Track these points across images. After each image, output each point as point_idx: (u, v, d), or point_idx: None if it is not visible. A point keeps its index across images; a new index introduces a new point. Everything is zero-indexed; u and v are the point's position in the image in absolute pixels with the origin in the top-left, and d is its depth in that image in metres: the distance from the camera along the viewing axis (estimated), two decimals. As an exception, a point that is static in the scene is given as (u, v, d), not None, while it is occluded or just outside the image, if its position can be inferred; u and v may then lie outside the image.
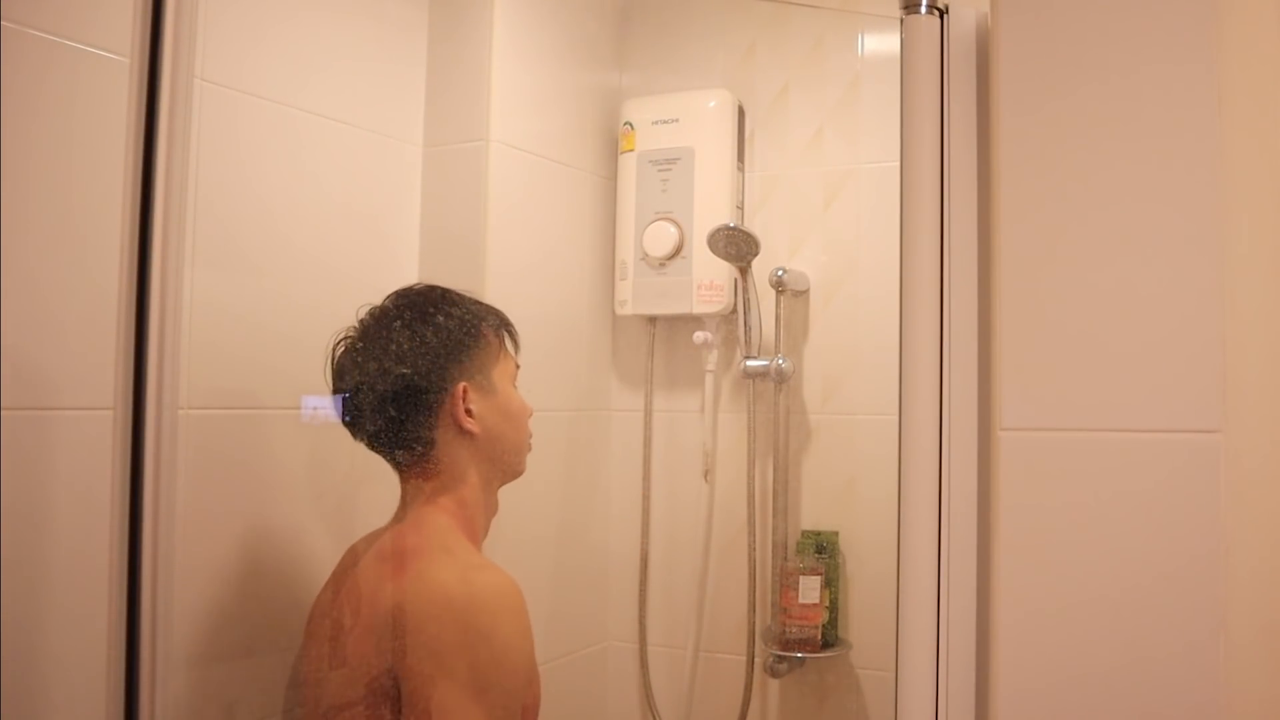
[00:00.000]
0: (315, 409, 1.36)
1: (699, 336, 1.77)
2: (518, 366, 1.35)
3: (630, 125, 1.82)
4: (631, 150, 1.81)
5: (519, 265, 1.65)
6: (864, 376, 1.73)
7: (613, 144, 1.87)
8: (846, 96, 1.77)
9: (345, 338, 1.27)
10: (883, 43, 1.73)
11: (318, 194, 1.45)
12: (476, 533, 1.28)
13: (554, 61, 1.76)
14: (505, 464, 1.31)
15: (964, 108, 1.02)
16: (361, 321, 1.27)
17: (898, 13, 1.04)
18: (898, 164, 1.04)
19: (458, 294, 1.33)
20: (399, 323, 1.25)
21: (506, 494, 1.34)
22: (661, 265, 1.77)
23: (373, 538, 1.29)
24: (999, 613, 0.93)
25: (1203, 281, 0.89)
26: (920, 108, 1.03)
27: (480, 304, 1.34)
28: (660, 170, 1.79)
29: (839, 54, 1.78)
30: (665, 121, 1.79)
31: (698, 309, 1.76)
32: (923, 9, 1.03)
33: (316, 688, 1.25)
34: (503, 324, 1.34)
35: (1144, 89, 0.91)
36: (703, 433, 1.80)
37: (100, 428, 1.00)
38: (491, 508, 1.32)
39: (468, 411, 1.26)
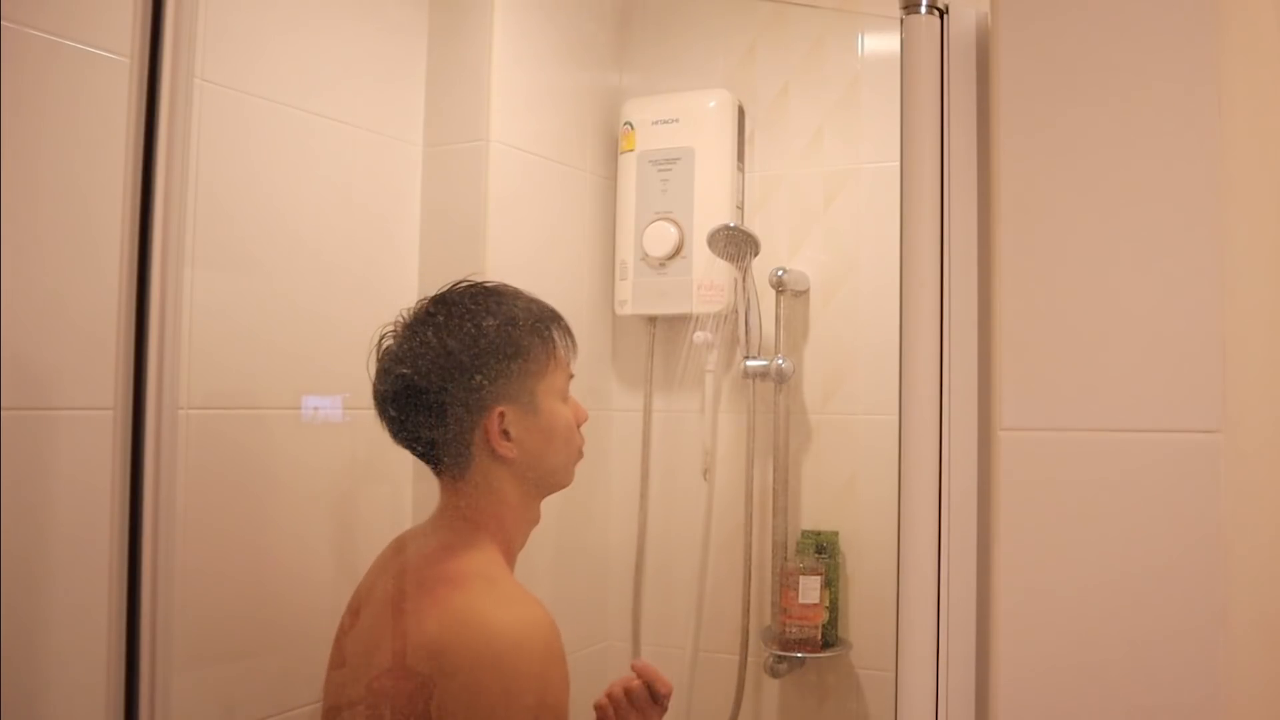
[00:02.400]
0: (315, 409, 1.36)
1: (699, 336, 1.77)
2: (571, 375, 1.26)
3: (630, 125, 1.82)
4: (631, 150, 1.81)
5: (519, 265, 1.65)
6: (864, 376, 1.73)
7: (613, 144, 1.87)
8: (846, 97, 1.76)
9: (388, 333, 1.21)
10: (883, 43, 1.73)
11: (318, 194, 1.45)
12: (513, 549, 1.22)
13: (554, 62, 1.76)
14: (547, 483, 1.25)
15: (964, 108, 1.02)
16: (405, 320, 1.21)
17: (898, 13, 1.04)
18: (898, 164, 1.03)
19: (510, 296, 1.24)
20: (432, 330, 1.17)
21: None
22: (661, 265, 1.77)
23: (419, 536, 1.24)
24: (999, 612, 0.93)
25: (1203, 281, 0.89)
26: (920, 108, 1.03)
27: (534, 307, 1.25)
28: (660, 170, 1.79)
29: (839, 54, 1.78)
30: (665, 121, 1.79)
31: (698, 309, 1.76)
32: (923, 9, 1.03)
33: (342, 688, 1.20)
34: (557, 330, 1.25)
35: (1144, 89, 0.91)
36: (703, 433, 1.80)
37: (100, 428, 1.00)
38: (531, 520, 1.25)
39: (504, 434, 1.18)
